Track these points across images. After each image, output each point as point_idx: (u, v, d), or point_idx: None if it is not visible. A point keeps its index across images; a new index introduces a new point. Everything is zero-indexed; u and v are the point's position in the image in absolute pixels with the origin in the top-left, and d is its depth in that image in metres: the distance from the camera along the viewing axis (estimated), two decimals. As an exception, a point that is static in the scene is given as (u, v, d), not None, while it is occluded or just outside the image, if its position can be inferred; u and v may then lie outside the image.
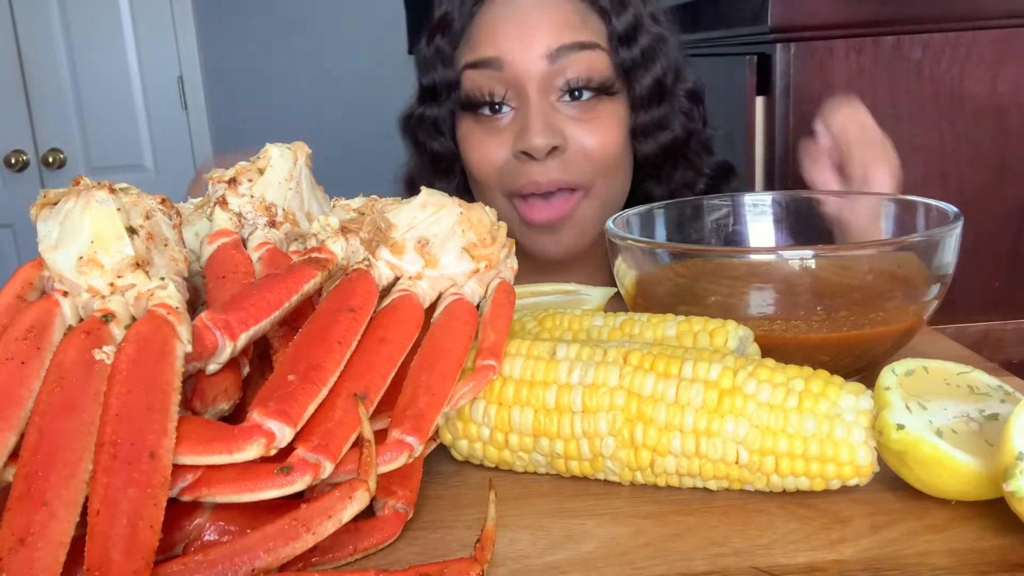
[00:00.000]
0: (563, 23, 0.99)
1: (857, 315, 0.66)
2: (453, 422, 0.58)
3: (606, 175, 1.03)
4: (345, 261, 0.58)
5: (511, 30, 0.99)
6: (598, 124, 1.00)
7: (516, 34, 0.98)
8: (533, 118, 0.97)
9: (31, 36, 2.92)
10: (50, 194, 0.55)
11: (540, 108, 0.98)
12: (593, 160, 1.00)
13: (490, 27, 1.01)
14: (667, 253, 0.72)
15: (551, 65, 0.98)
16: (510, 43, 0.98)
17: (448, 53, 1.04)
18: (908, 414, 0.50)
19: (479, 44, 1.01)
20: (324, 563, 0.48)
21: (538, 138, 0.96)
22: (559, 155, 0.98)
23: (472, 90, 1.01)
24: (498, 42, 0.99)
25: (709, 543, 0.49)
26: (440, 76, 1.04)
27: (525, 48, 0.98)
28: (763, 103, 1.52)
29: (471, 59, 1.01)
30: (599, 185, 1.02)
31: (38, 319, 0.50)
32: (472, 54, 1.01)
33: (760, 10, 1.47)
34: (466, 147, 1.05)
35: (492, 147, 1.01)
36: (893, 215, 0.82)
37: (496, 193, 1.04)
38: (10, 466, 0.45)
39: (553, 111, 0.99)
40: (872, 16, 1.47)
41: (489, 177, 1.03)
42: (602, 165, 1.01)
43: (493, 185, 1.03)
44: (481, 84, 1.00)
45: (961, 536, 0.48)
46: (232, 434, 0.46)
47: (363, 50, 3.04)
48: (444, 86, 1.04)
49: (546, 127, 0.97)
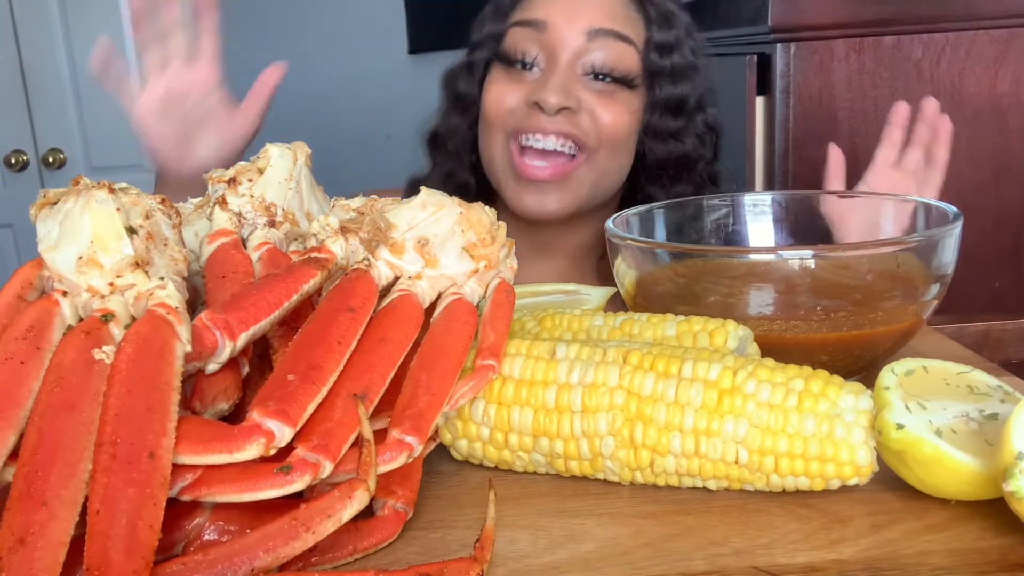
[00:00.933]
0: (610, 11, 1.08)
1: (857, 315, 0.66)
2: (453, 422, 0.58)
3: (610, 148, 1.08)
4: (345, 261, 0.58)
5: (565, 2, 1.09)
6: (612, 104, 1.07)
7: (568, 6, 1.08)
8: (554, 79, 1.05)
9: (31, 36, 2.91)
10: (50, 194, 0.55)
11: (563, 73, 1.06)
12: (600, 129, 1.07)
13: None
14: (667, 253, 0.72)
15: (587, 42, 1.06)
16: (559, 11, 1.08)
17: (506, 9, 1.13)
18: (908, 414, 0.50)
19: (533, 6, 1.10)
20: (324, 563, 0.48)
21: (552, 96, 1.03)
22: (569, 114, 1.05)
23: (511, 45, 1.10)
24: (550, 8, 1.09)
25: (709, 543, 0.49)
26: (489, 28, 1.14)
27: (570, 19, 1.07)
28: (763, 103, 1.52)
29: (522, 17, 1.10)
30: (602, 155, 1.08)
31: (38, 319, 0.50)
32: (524, 13, 1.11)
33: (760, 10, 1.47)
34: (487, 88, 1.12)
35: (510, 91, 1.09)
36: (893, 215, 0.82)
37: (498, 134, 1.10)
38: (10, 466, 0.45)
39: (574, 80, 1.06)
40: (872, 16, 1.47)
41: (497, 115, 1.10)
42: (608, 137, 1.07)
43: (498, 124, 1.10)
44: (520, 41, 1.09)
45: (961, 536, 0.48)
46: (232, 434, 0.46)
47: (363, 50, 3.04)
48: (490, 36, 1.13)
49: (563, 89, 1.04)
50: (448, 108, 1.19)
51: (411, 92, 3.01)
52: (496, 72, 1.12)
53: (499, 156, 1.10)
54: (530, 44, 1.08)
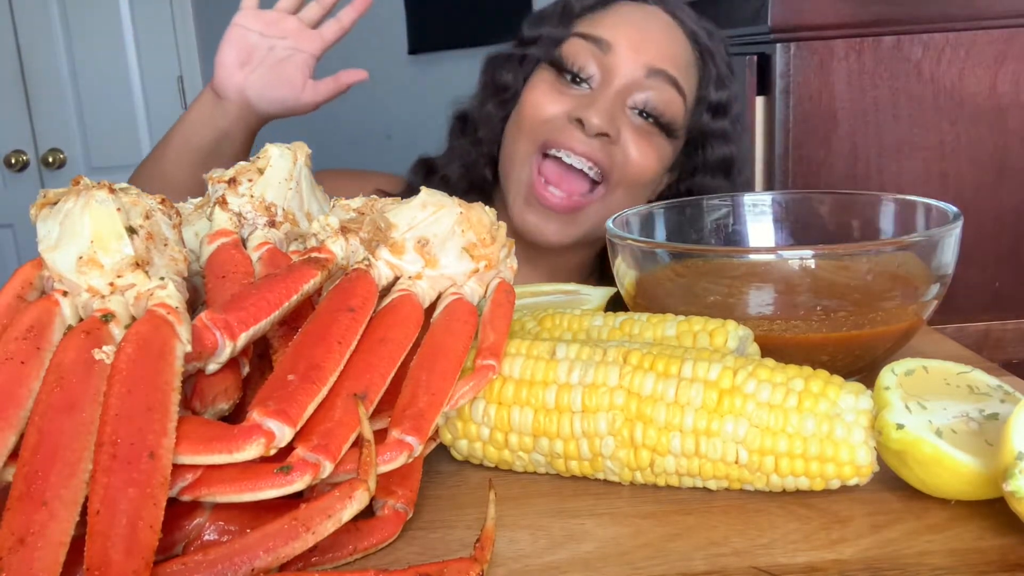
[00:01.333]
0: (673, 56, 1.08)
1: (857, 315, 0.66)
2: (453, 422, 0.58)
3: (630, 188, 1.08)
4: (345, 261, 0.58)
5: (634, 31, 1.07)
6: (648, 147, 1.07)
7: (636, 37, 1.07)
8: (602, 101, 1.04)
9: (31, 36, 2.91)
10: (50, 194, 0.55)
11: (613, 99, 1.05)
12: (629, 166, 1.06)
13: (619, 17, 1.09)
14: (667, 253, 0.72)
15: (645, 78, 1.05)
16: (627, 39, 1.06)
17: (572, 14, 1.11)
18: (908, 414, 0.50)
19: (601, 24, 1.09)
20: (324, 563, 0.48)
21: (597, 118, 1.02)
22: (605, 142, 1.04)
23: (569, 54, 1.08)
24: (618, 32, 1.07)
25: (709, 543, 0.49)
26: (549, 30, 1.11)
27: (635, 50, 1.06)
28: (763, 103, 1.52)
29: (587, 31, 1.08)
30: (619, 194, 1.07)
31: (38, 319, 0.50)
32: (590, 28, 1.09)
33: (760, 10, 1.47)
34: (530, 88, 1.10)
35: (552, 100, 1.07)
36: (893, 215, 0.82)
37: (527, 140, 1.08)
38: (10, 466, 0.45)
39: (620, 110, 1.05)
40: (872, 16, 1.47)
41: (533, 120, 1.08)
42: (633, 177, 1.07)
43: (529, 129, 1.08)
44: (580, 53, 1.07)
45: (961, 536, 0.48)
46: (232, 434, 0.46)
47: (363, 50, 3.04)
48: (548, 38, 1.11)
49: (608, 115, 1.03)
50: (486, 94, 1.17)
51: (411, 92, 3.01)
52: (543, 74, 1.10)
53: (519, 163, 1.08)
54: (589, 59, 1.06)
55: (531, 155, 1.07)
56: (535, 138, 1.06)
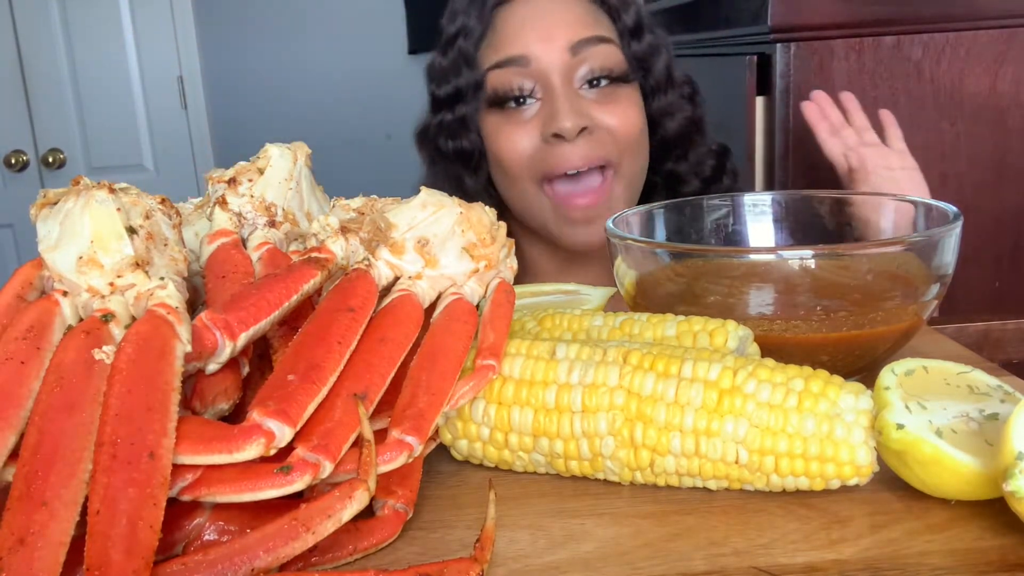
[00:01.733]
0: (579, 21, 1.07)
1: (857, 315, 0.66)
2: (453, 422, 0.58)
3: (630, 153, 1.08)
4: (345, 261, 0.58)
5: (534, 29, 1.06)
6: (618, 106, 1.07)
7: (539, 32, 1.06)
8: (561, 103, 1.03)
9: (31, 36, 2.92)
10: (50, 194, 0.55)
11: (566, 94, 1.04)
12: (617, 139, 1.06)
13: (513, 28, 1.08)
14: (667, 253, 0.72)
15: (573, 57, 1.05)
16: (534, 41, 1.06)
17: (472, 56, 1.10)
18: (908, 414, 0.50)
19: (503, 44, 1.08)
20: (324, 563, 0.48)
21: (567, 121, 1.02)
22: (587, 135, 1.04)
23: (498, 87, 1.07)
24: (523, 41, 1.06)
25: (709, 543, 0.49)
26: (465, 79, 1.10)
27: (548, 43, 1.05)
28: (763, 103, 1.52)
29: (497, 59, 1.08)
30: (625, 163, 1.08)
31: (38, 319, 0.50)
32: (497, 54, 1.08)
33: (760, 10, 1.47)
34: (495, 140, 1.10)
35: (521, 136, 1.07)
36: (893, 215, 0.82)
37: (526, 182, 1.08)
38: (10, 466, 0.45)
39: (577, 97, 1.05)
40: (872, 16, 1.47)
41: (519, 166, 1.08)
42: (626, 144, 1.07)
43: (523, 174, 1.08)
44: (508, 80, 1.06)
45: (961, 536, 0.48)
46: (232, 434, 0.46)
47: (363, 50, 3.04)
48: (469, 87, 1.10)
49: (574, 110, 1.03)
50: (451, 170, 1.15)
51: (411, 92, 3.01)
52: (492, 119, 1.09)
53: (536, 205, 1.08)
54: (519, 79, 1.05)
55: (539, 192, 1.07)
56: (533, 176, 1.07)
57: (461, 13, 1.11)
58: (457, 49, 1.11)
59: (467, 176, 1.14)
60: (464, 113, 1.11)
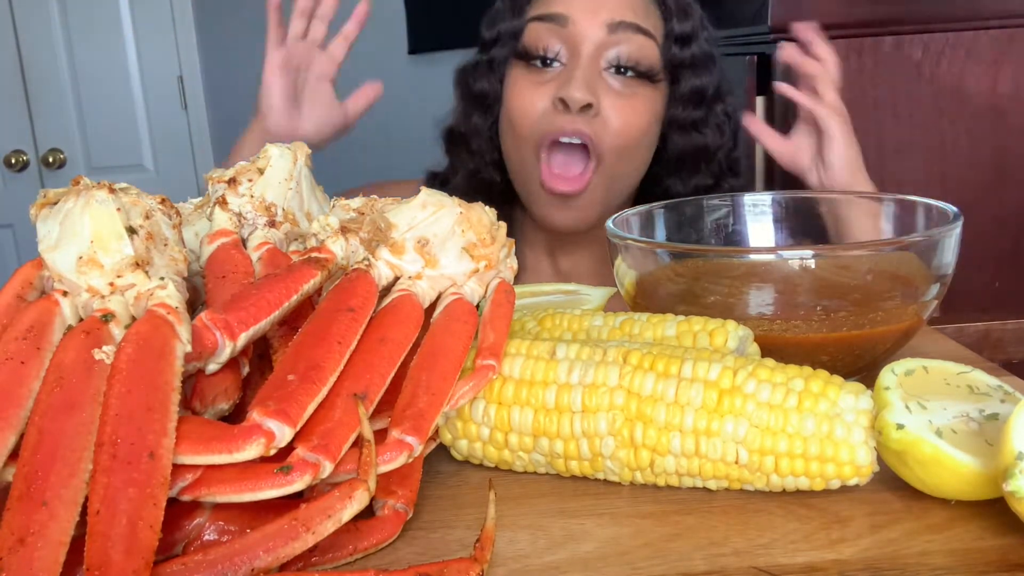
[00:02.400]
0: (629, 5, 1.08)
1: (857, 315, 0.66)
2: (453, 422, 0.58)
3: (621, 155, 1.08)
4: (345, 261, 0.58)
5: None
6: (631, 105, 1.07)
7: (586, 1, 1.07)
8: (578, 73, 1.04)
9: (31, 36, 2.91)
10: (50, 194, 0.55)
11: (587, 67, 1.05)
12: (614, 136, 1.06)
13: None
14: (667, 253, 0.72)
15: (609, 35, 1.06)
16: (579, 5, 1.07)
17: (521, 4, 1.12)
18: (908, 414, 0.50)
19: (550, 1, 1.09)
20: (324, 563, 0.48)
21: (577, 91, 1.02)
22: (589, 114, 1.04)
23: (531, 41, 1.09)
24: (568, 2, 1.07)
25: (709, 543, 0.49)
26: (506, 25, 1.12)
27: (591, 12, 1.06)
28: (763, 103, 1.52)
29: (540, 12, 1.09)
30: (610, 161, 1.07)
31: (38, 319, 0.50)
32: (542, 7, 1.09)
33: (760, 10, 1.47)
34: (511, 93, 1.11)
35: (535, 96, 1.08)
36: (893, 215, 0.82)
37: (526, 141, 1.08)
38: (10, 466, 0.45)
39: (597, 75, 1.06)
40: (872, 16, 1.47)
41: (526, 126, 1.08)
42: (621, 144, 1.07)
43: (526, 130, 1.08)
44: (541, 36, 1.08)
45: (961, 536, 0.48)
46: (232, 434, 0.46)
47: (363, 50, 3.03)
48: (507, 33, 1.12)
49: (587, 85, 1.03)
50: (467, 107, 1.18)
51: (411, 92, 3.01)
52: (517, 71, 1.10)
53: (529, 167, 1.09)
54: (551, 38, 1.07)
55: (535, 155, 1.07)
56: (533, 137, 1.07)
57: None
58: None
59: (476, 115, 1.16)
60: (495, 56, 1.13)
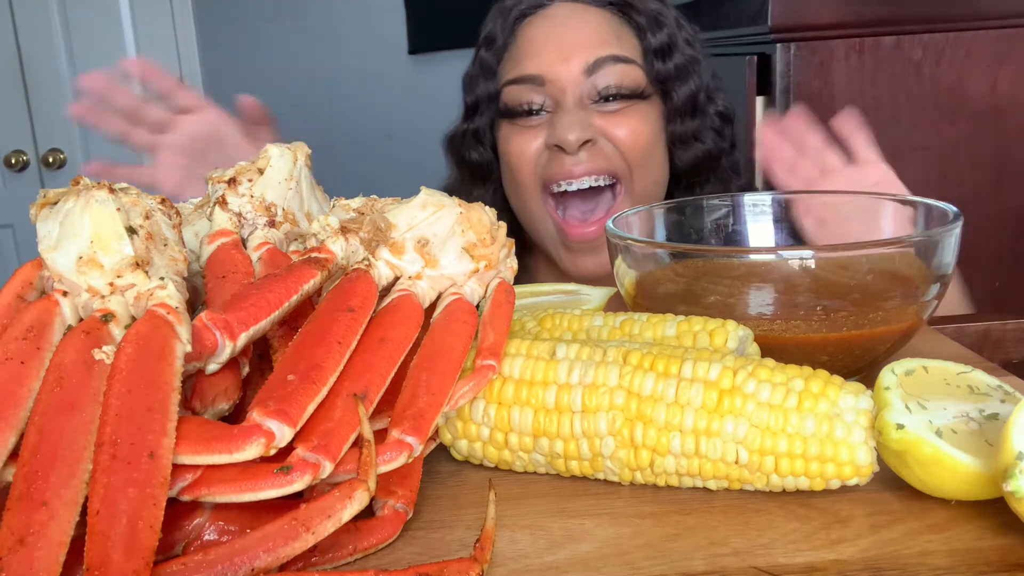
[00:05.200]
0: (599, 39, 1.06)
1: (857, 315, 0.66)
2: (453, 422, 0.58)
3: (641, 167, 1.07)
4: (345, 261, 0.58)
5: (551, 49, 1.06)
6: (627, 119, 1.06)
7: (556, 53, 1.06)
8: (567, 117, 1.03)
9: (31, 36, 2.91)
10: (50, 194, 0.55)
11: (573, 110, 1.04)
12: (624, 150, 1.05)
13: (531, 45, 1.08)
14: (667, 253, 0.72)
15: (588, 78, 1.05)
16: (551, 61, 1.06)
17: (492, 66, 1.11)
18: (908, 414, 0.50)
19: (521, 60, 1.08)
20: (324, 563, 0.48)
21: (570, 134, 1.02)
22: (591, 147, 1.03)
23: (511, 100, 1.08)
24: (540, 60, 1.06)
25: (709, 543, 0.49)
26: (482, 89, 1.12)
27: (565, 65, 1.05)
28: (763, 103, 1.52)
29: (514, 75, 1.08)
30: (636, 177, 1.06)
31: (38, 319, 0.50)
32: (515, 70, 1.08)
33: (760, 10, 1.47)
34: (505, 147, 1.11)
35: (528, 141, 1.07)
36: (893, 215, 0.82)
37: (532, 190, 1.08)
38: (10, 466, 0.45)
39: (586, 111, 1.05)
40: (872, 16, 1.47)
41: (526, 172, 1.08)
42: (633, 156, 1.06)
43: (529, 181, 1.07)
44: (522, 95, 1.07)
45: (961, 536, 0.48)
46: (232, 434, 0.46)
47: (363, 50, 3.04)
48: (485, 98, 1.12)
49: (578, 123, 1.03)
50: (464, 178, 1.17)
51: (411, 92, 3.01)
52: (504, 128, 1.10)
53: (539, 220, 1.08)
54: (532, 95, 1.06)
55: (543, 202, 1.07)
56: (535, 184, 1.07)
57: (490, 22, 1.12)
58: (479, 60, 1.13)
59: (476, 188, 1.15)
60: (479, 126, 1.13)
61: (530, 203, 1.08)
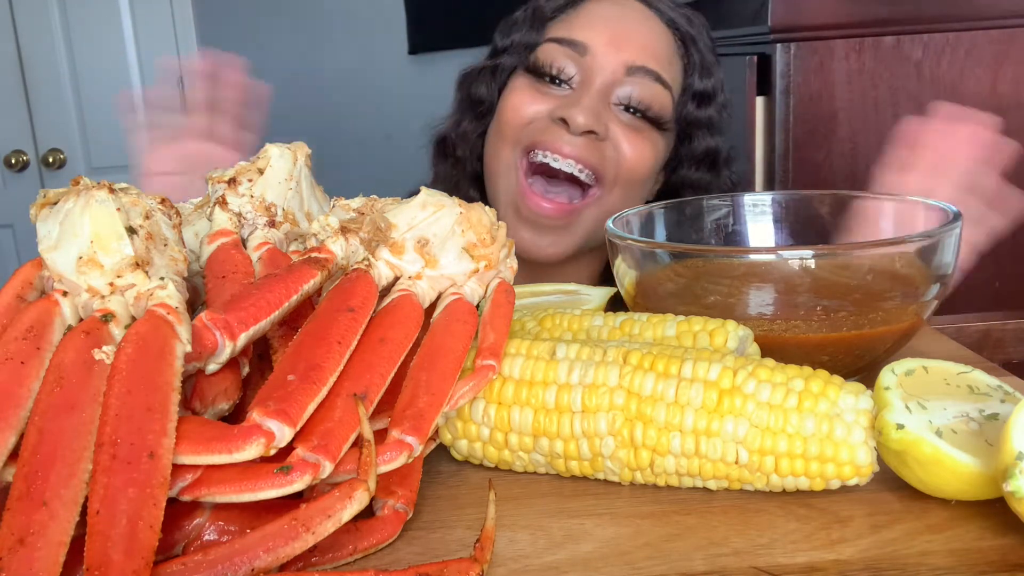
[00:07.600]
0: (654, 52, 1.04)
1: (857, 315, 0.66)
2: (453, 422, 0.58)
3: (626, 188, 1.04)
4: (345, 261, 0.58)
5: (610, 30, 1.04)
6: (640, 140, 1.03)
7: (613, 35, 1.03)
8: (586, 100, 1.00)
9: (31, 36, 2.91)
10: (50, 194, 0.55)
11: (596, 97, 1.02)
12: (622, 163, 1.03)
13: (592, 17, 1.06)
14: (667, 253, 0.72)
15: (625, 75, 1.02)
16: (604, 39, 1.03)
17: (544, 17, 1.08)
18: (908, 414, 0.50)
19: (575, 25, 1.05)
20: (324, 563, 0.48)
21: (581, 116, 0.99)
22: (593, 140, 1.01)
23: (545, 59, 1.05)
24: (594, 32, 1.04)
25: (709, 543, 0.49)
26: (521, 36, 1.08)
27: (614, 48, 1.03)
28: (763, 103, 1.52)
29: (561, 35, 1.05)
30: (615, 194, 1.03)
31: (38, 319, 0.50)
32: (564, 31, 1.05)
33: (760, 10, 1.47)
34: (507, 93, 1.07)
35: (533, 100, 1.04)
36: (893, 215, 0.82)
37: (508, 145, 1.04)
38: (10, 466, 0.45)
39: (606, 107, 1.02)
40: (872, 16, 1.47)
41: (513, 123, 1.04)
42: (627, 176, 1.03)
43: (511, 134, 1.04)
44: (557, 57, 1.04)
45: (961, 536, 0.48)
46: (232, 434, 0.46)
47: (363, 50, 3.04)
48: (521, 45, 1.08)
49: (594, 112, 1.00)
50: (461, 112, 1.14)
51: (411, 92, 3.01)
52: (520, 80, 1.07)
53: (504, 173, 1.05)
54: (566, 62, 1.03)
55: (515, 162, 1.03)
56: (518, 142, 1.03)
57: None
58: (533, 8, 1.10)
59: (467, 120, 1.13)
60: (502, 63, 1.10)
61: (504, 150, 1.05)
